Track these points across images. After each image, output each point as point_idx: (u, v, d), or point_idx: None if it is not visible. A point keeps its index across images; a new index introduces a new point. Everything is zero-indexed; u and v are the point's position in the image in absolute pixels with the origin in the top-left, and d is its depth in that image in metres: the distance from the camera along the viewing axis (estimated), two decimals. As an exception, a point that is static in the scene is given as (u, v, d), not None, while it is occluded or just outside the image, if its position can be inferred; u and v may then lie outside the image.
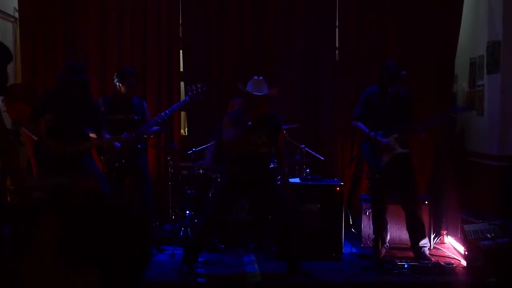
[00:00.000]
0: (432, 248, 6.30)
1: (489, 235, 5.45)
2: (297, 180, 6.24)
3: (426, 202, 6.31)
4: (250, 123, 5.21)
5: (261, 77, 5.40)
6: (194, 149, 6.40)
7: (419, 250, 5.88)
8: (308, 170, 6.35)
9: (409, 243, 6.07)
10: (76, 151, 5.31)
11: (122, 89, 5.96)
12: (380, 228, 5.88)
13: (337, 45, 7.36)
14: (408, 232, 6.06)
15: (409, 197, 5.96)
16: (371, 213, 6.24)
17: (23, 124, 5.34)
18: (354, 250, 6.22)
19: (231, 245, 6.09)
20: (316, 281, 5.31)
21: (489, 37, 6.44)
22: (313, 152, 6.52)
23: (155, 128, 6.04)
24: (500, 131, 6.30)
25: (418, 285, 5.27)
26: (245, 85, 5.38)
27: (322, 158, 6.58)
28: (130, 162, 5.95)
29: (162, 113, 6.01)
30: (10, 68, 7.22)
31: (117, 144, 5.80)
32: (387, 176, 5.72)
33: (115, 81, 5.99)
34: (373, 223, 6.05)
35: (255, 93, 5.27)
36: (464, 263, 5.72)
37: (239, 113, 5.44)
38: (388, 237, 6.16)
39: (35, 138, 5.52)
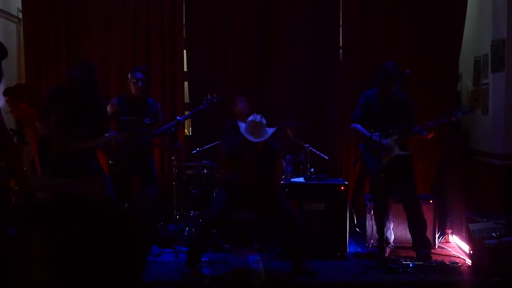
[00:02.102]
0: (436, 247, 6.29)
1: (494, 234, 5.43)
2: (301, 179, 6.23)
3: (431, 201, 6.30)
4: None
5: (258, 118, 5.25)
6: (198, 148, 6.40)
7: (421, 256, 5.85)
8: (312, 170, 6.34)
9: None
10: (77, 150, 5.29)
11: (131, 87, 5.99)
12: (383, 228, 5.87)
13: (340, 44, 7.35)
14: (410, 234, 6.05)
15: (409, 199, 5.94)
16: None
17: (27, 124, 5.34)
18: (359, 249, 6.21)
19: (235, 245, 6.08)
20: (321, 280, 5.31)
21: (493, 36, 6.42)
22: (317, 152, 6.51)
23: (171, 130, 6.20)
24: (504, 129, 6.28)
25: (423, 284, 5.25)
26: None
27: (327, 158, 6.57)
28: (138, 163, 5.99)
29: (179, 118, 6.22)
30: (13, 68, 7.28)
31: (122, 141, 5.85)
32: (387, 177, 5.70)
33: (129, 78, 6.06)
34: (376, 223, 6.05)
35: (252, 139, 5.20)
36: (469, 262, 5.71)
37: (235, 145, 5.36)
38: (393, 237, 6.15)
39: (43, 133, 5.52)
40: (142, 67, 6.21)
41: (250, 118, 5.27)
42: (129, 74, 6.04)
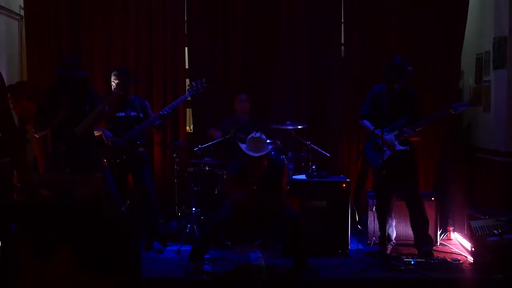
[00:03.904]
0: (438, 244, 6.29)
1: (496, 231, 5.42)
2: (303, 176, 6.23)
3: (433, 198, 6.30)
4: (255, 187, 5.27)
5: (257, 134, 5.33)
6: (200, 146, 6.40)
7: (422, 252, 5.85)
8: (314, 167, 6.34)
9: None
10: (85, 128, 5.32)
11: (113, 86, 6.08)
12: (385, 225, 5.87)
13: (342, 41, 7.34)
14: (412, 232, 6.05)
15: (410, 194, 5.94)
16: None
17: (29, 121, 5.36)
18: (360, 246, 6.22)
19: (237, 242, 6.08)
20: (323, 277, 5.31)
21: (495, 33, 6.40)
22: (319, 149, 6.51)
23: (158, 122, 6.14)
24: (506, 126, 6.27)
25: (424, 282, 5.25)
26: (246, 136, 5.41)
27: (328, 155, 6.57)
28: (131, 159, 6.00)
29: (162, 111, 6.14)
30: (15, 66, 7.29)
31: (114, 139, 5.95)
32: (390, 174, 5.70)
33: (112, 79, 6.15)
34: (378, 220, 6.04)
35: (253, 154, 5.23)
36: (470, 259, 5.71)
37: (240, 165, 5.40)
38: (395, 234, 6.14)
39: (42, 134, 5.54)
40: (120, 68, 6.24)
41: (250, 135, 5.33)
42: (112, 75, 6.14)
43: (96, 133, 5.80)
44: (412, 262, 5.52)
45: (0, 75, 3.57)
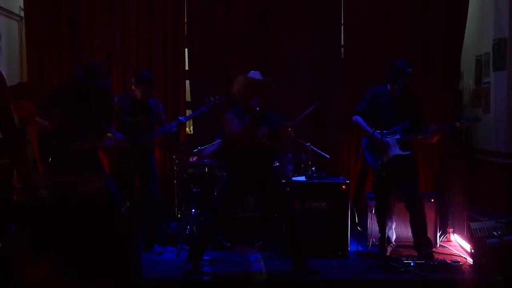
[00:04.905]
0: (438, 246, 6.29)
1: (495, 233, 5.42)
2: (303, 178, 6.23)
3: (433, 200, 6.30)
4: (249, 117, 5.22)
5: (258, 72, 5.47)
6: (200, 147, 6.40)
7: (422, 254, 5.83)
8: (313, 168, 6.34)
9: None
10: (77, 150, 5.29)
11: (137, 92, 6.03)
12: (384, 226, 5.86)
13: (342, 43, 7.35)
14: (412, 233, 6.04)
15: (410, 196, 5.93)
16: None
17: (30, 122, 5.34)
18: (360, 248, 6.22)
19: (237, 243, 6.08)
20: (322, 278, 5.31)
21: (495, 34, 6.41)
22: (318, 150, 6.51)
23: (173, 130, 6.21)
24: (506, 128, 6.27)
25: (424, 283, 5.25)
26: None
27: (328, 156, 6.57)
28: (140, 163, 6.02)
29: (181, 118, 6.32)
30: (16, 67, 7.29)
31: (120, 136, 5.91)
32: (391, 176, 5.69)
33: (132, 82, 6.06)
34: (378, 222, 6.04)
35: (256, 76, 5.37)
36: (470, 261, 5.71)
37: (239, 110, 5.43)
38: (395, 236, 6.14)
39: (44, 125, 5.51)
40: (147, 73, 6.17)
41: (250, 72, 5.51)
42: (135, 80, 6.03)
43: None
44: (412, 264, 5.52)
45: (1, 76, 3.57)
